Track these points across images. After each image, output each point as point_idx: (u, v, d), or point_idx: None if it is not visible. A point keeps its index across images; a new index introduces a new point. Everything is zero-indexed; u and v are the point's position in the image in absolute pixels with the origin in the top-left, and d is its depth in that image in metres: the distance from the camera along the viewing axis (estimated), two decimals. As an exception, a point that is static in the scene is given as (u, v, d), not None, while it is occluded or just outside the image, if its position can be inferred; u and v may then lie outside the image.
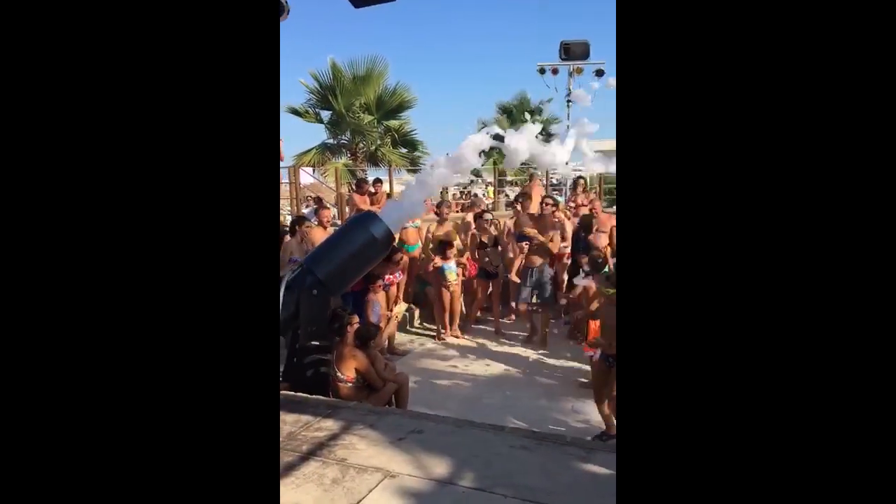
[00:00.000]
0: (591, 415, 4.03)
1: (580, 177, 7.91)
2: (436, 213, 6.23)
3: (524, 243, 5.50)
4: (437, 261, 5.71)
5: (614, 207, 7.38)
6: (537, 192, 7.51)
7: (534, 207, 6.10)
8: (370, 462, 2.35)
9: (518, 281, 5.55)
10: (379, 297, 5.32)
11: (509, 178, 13.98)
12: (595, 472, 2.28)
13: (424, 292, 6.41)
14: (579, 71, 11.15)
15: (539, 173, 9.79)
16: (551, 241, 5.51)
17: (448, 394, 4.54)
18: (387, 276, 5.43)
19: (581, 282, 4.03)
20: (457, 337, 5.92)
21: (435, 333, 6.01)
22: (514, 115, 15.19)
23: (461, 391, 4.62)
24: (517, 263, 5.55)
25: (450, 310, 5.89)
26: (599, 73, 10.92)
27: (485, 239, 5.99)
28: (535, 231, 5.50)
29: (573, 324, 6.04)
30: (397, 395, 3.77)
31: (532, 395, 4.49)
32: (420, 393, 4.31)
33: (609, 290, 3.57)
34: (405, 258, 6.08)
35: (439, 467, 2.30)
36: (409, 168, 12.63)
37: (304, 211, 8.64)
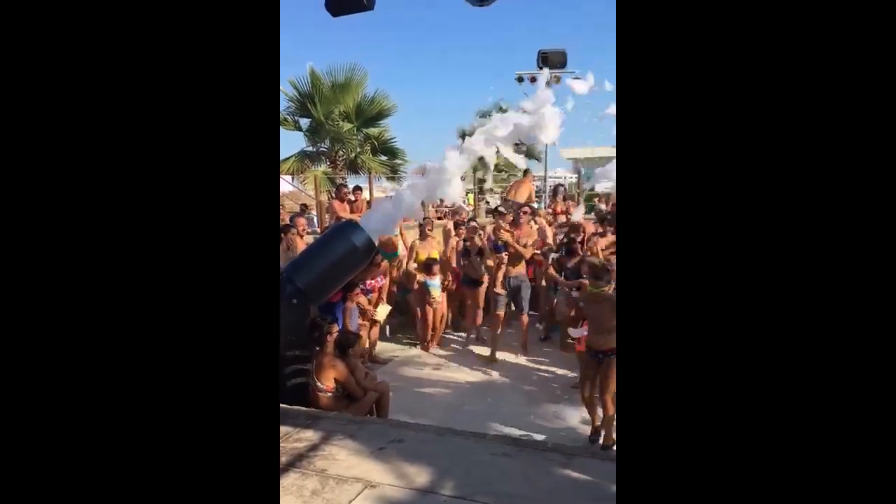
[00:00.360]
0: (573, 420, 4.05)
1: (560, 184, 8.00)
2: (420, 230, 6.19)
3: (503, 254, 5.47)
4: (421, 277, 5.70)
5: (592, 213, 7.45)
6: (527, 188, 7.55)
7: (520, 197, 6.14)
8: (350, 472, 2.33)
9: (503, 293, 5.52)
10: (361, 302, 5.29)
11: (489, 186, 14.04)
12: (575, 478, 2.29)
13: (406, 300, 6.39)
14: (557, 79, 11.27)
15: (532, 170, 9.77)
16: (525, 247, 5.50)
17: (430, 402, 4.52)
18: (368, 282, 5.40)
19: (575, 333, 3.95)
20: (439, 345, 5.91)
21: (417, 342, 6.00)
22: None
23: (443, 399, 4.61)
24: (500, 275, 5.49)
25: (433, 325, 5.89)
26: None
27: (470, 247, 5.97)
28: (511, 237, 5.49)
29: (546, 325, 6.05)
30: (378, 405, 3.74)
31: (514, 401, 4.50)
32: (401, 401, 4.29)
33: (600, 289, 3.57)
34: (385, 262, 6.03)
35: (420, 476, 2.29)
36: (389, 175, 12.63)
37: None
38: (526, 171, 9.20)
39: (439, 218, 8.89)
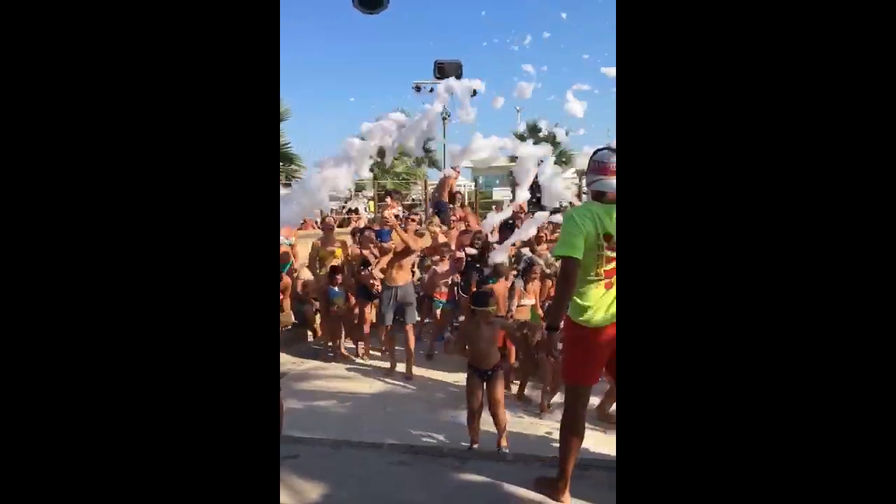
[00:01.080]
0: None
1: (457, 191, 8.15)
2: (322, 230, 6.03)
3: (387, 242, 5.32)
4: (324, 284, 5.54)
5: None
6: (449, 185, 7.61)
7: (444, 197, 6.23)
8: (239, 494, 2.21)
9: (380, 276, 5.36)
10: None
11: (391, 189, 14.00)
12: (471, 480, 2.33)
13: (303, 311, 6.20)
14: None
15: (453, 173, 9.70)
16: (416, 242, 5.48)
17: (327, 415, 4.40)
18: None
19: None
20: (343, 356, 5.79)
21: (313, 354, 5.83)
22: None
23: (341, 412, 4.50)
24: (383, 261, 5.36)
25: (336, 334, 5.76)
26: (473, 93, 11.37)
27: (366, 256, 5.89)
28: (396, 222, 5.37)
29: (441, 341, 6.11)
30: (271, 421, 3.57)
31: (414, 409, 4.49)
32: (296, 416, 4.13)
33: (487, 308, 3.48)
34: (285, 279, 5.83)
35: (314, 491, 2.22)
36: (285, 182, 12.20)
37: None
38: (451, 170, 9.12)
39: (340, 225, 8.72)
